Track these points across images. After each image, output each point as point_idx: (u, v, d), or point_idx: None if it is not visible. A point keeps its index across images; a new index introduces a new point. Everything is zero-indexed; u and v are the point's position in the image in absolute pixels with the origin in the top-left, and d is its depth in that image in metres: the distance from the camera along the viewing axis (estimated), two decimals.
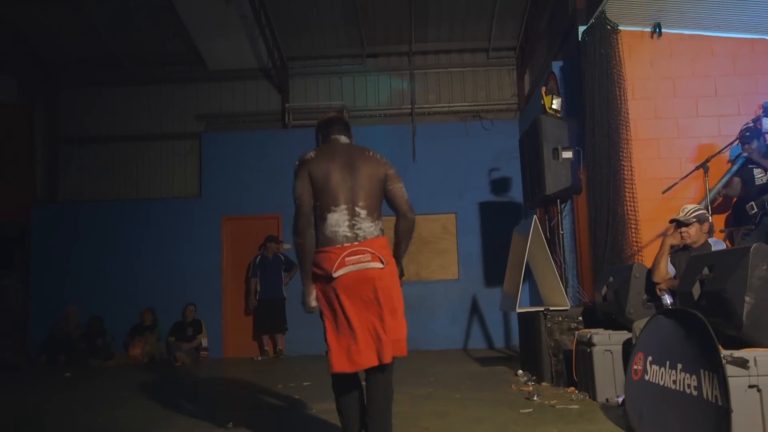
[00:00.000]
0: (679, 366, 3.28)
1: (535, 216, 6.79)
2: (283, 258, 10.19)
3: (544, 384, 5.71)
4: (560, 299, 6.26)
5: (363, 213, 3.24)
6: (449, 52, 11.46)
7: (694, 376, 3.15)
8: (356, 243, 3.15)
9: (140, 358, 9.87)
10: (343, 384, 3.31)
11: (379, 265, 3.14)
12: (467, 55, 11.47)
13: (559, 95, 7.19)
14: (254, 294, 10.10)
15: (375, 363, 3.13)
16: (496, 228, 10.18)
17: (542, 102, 7.09)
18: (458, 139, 10.93)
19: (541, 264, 6.65)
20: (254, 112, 11.44)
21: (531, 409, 4.62)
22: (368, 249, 3.15)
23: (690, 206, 4.74)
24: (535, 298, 7.93)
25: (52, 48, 10.97)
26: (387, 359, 3.12)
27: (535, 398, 4.99)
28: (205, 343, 10.12)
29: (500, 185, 10.68)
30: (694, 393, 3.13)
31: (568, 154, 6.54)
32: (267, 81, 11.40)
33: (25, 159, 11.10)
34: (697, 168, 6.07)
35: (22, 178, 11.05)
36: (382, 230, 3.31)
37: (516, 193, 10.21)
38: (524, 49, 11.05)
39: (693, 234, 4.60)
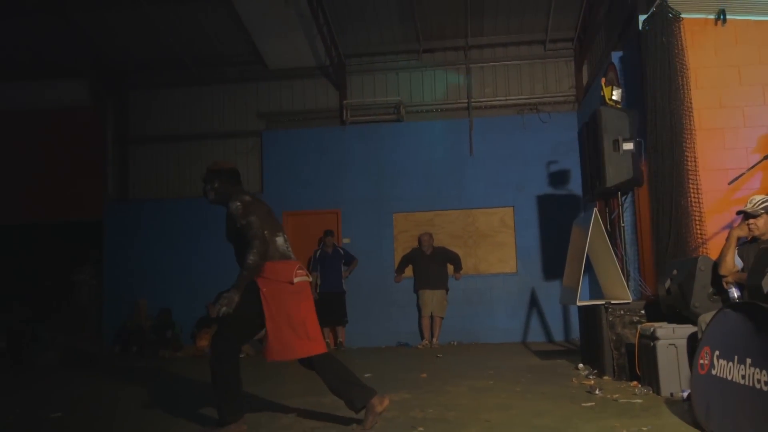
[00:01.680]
0: (749, 361, 3.20)
1: (595, 209, 6.68)
2: (342, 252, 10.25)
3: (605, 378, 5.62)
4: (622, 292, 6.17)
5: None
6: (506, 45, 11.36)
7: (764, 371, 3.06)
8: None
9: (207, 349, 10.11)
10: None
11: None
12: (524, 48, 11.35)
13: (619, 86, 7.07)
14: (315, 287, 10.22)
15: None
16: (555, 221, 10.07)
17: (602, 93, 6.97)
18: (515, 133, 10.83)
19: (602, 257, 6.56)
20: (313, 110, 11.56)
21: (593, 403, 4.56)
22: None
23: (758, 197, 4.61)
24: (596, 292, 7.80)
25: (120, 52, 11.33)
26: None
27: (597, 392, 4.93)
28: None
29: (559, 178, 10.53)
30: (765, 388, 3.05)
31: (629, 146, 6.43)
32: (325, 78, 11.49)
33: (97, 159, 11.51)
34: (764, 158, 5.89)
35: (94, 178, 11.43)
36: None
37: (575, 186, 10.07)
38: (582, 40, 10.88)
39: (762, 225, 4.47)
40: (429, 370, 6.94)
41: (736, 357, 3.31)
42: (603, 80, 7.08)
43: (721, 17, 6.68)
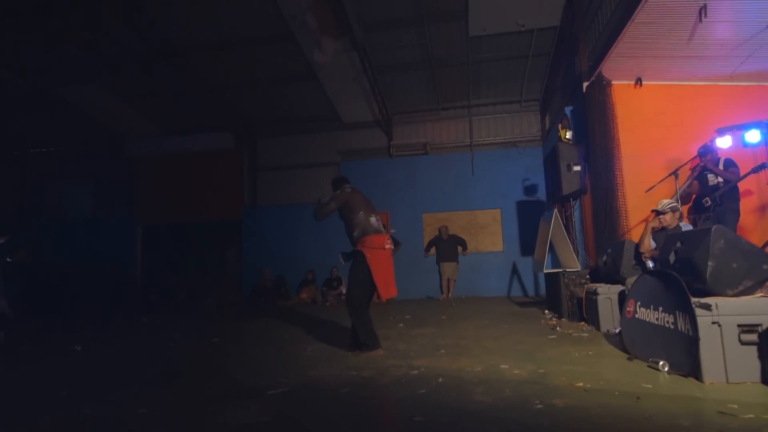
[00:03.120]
0: (661, 308, 3.09)
1: (555, 209, 6.54)
2: (392, 238, 10.25)
3: (563, 320, 5.51)
4: (574, 264, 6.04)
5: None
6: (494, 104, 11.16)
7: (671, 315, 2.95)
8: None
9: (306, 299, 10.26)
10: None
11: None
12: (506, 105, 11.13)
13: (570, 129, 6.90)
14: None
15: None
16: (528, 217, 9.91)
17: (559, 134, 6.82)
18: (501, 161, 10.65)
19: (560, 241, 6.42)
20: (371, 148, 11.57)
21: (555, 336, 4.47)
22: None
23: (666, 200, 4.45)
24: (556, 263, 7.64)
25: (252, 115, 11.57)
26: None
27: (557, 329, 4.83)
28: (343, 291, 10.37)
29: (530, 190, 10.34)
30: (672, 327, 2.94)
31: (577, 168, 6.29)
32: (378, 128, 11.51)
33: (238, 181, 11.80)
34: (669, 175, 5.67)
35: (236, 193, 11.75)
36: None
37: (541, 195, 9.89)
38: (545, 99, 10.62)
39: (668, 219, 4.31)
40: (447, 313, 6.90)
41: (651, 306, 3.20)
42: (560, 125, 6.92)
43: (639, 82, 6.45)
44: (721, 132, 5.68)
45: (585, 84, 6.76)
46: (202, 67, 9.69)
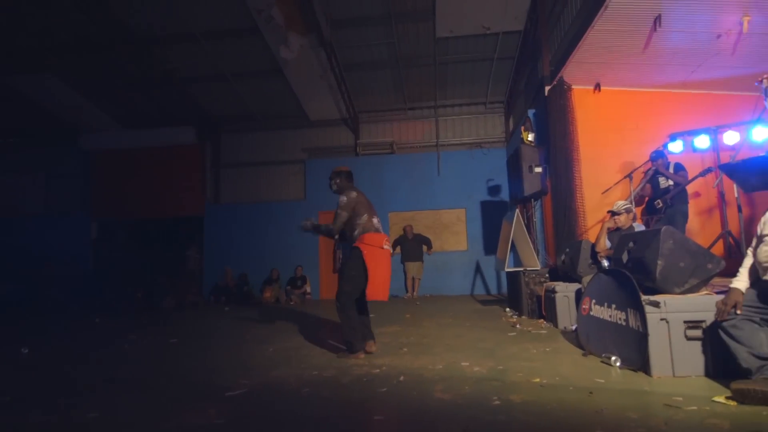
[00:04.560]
0: (614, 305, 3.20)
1: (517, 210, 6.68)
2: None
3: (523, 317, 5.64)
4: (534, 263, 6.17)
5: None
6: (460, 105, 11.28)
7: (623, 312, 3.07)
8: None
9: (269, 299, 10.10)
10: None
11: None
12: (472, 107, 11.27)
13: (533, 131, 7.06)
14: (338, 261, 10.19)
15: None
16: (492, 217, 10.08)
17: (521, 136, 6.96)
18: (466, 161, 10.79)
19: (522, 240, 6.56)
20: (337, 146, 11.49)
21: (515, 333, 4.57)
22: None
23: (621, 202, 4.61)
24: (517, 262, 7.81)
25: (216, 110, 11.29)
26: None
27: (517, 326, 4.93)
28: (309, 290, 10.29)
29: (494, 190, 10.52)
30: (624, 323, 3.05)
31: (539, 169, 6.44)
32: (345, 126, 11.44)
33: (200, 177, 11.49)
34: (624, 177, 5.90)
35: (198, 189, 11.44)
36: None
37: (504, 195, 10.10)
38: (509, 102, 10.84)
39: (623, 220, 4.47)
40: (411, 312, 6.94)
41: (605, 303, 3.31)
42: (522, 128, 7.07)
43: (597, 87, 6.67)
44: (672, 137, 5.95)
45: (547, 88, 6.95)
46: (163, 59, 9.39)
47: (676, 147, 5.90)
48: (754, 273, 2.41)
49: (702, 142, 5.80)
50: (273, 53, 8.91)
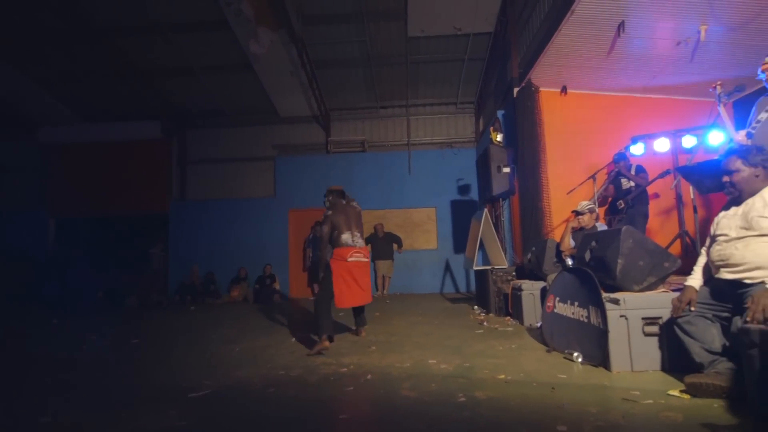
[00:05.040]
0: (576, 303, 3.28)
1: (486, 209, 6.76)
2: None
3: (490, 315, 5.71)
4: (501, 261, 6.26)
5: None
6: (431, 105, 11.35)
7: (585, 310, 3.14)
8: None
9: (237, 298, 9.93)
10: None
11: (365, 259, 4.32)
12: (443, 107, 11.36)
13: (501, 132, 7.15)
14: (308, 259, 10.13)
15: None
16: (461, 216, 10.18)
17: (491, 137, 7.05)
18: (437, 160, 10.87)
19: (490, 239, 6.65)
20: (308, 143, 11.37)
21: (482, 330, 4.63)
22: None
23: (584, 202, 4.73)
24: (486, 261, 7.93)
25: (183, 105, 11.01)
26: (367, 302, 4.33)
27: (485, 324, 5.00)
28: (278, 288, 10.16)
29: (463, 190, 10.64)
30: (585, 320, 3.13)
31: (507, 170, 6.52)
32: (316, 123, 11.34)
33: (166, 174, 11.17)
34: (588, 178, 6.05)
35: (163, 185, 11.12)
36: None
37: (474, 194, 10.20)
38: (479, 102, 10.97)
39: (586, 220, 4.59)
40: (381, 310, 6.94)
41: (569, 301, 3.39)
42: (491, 128, 7.16)
43: (564, 90, 6.82)
44: (634, 140, 6.14)
45: (516, 89, 7.06)
46: (127, 50, 9.09)
47: (637, 149, 6.09)
48: (708, 271, 2.51)
49: (662, 145, 6.01)
50: (242, 48, 8.75)
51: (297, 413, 2.32)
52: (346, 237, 4.22)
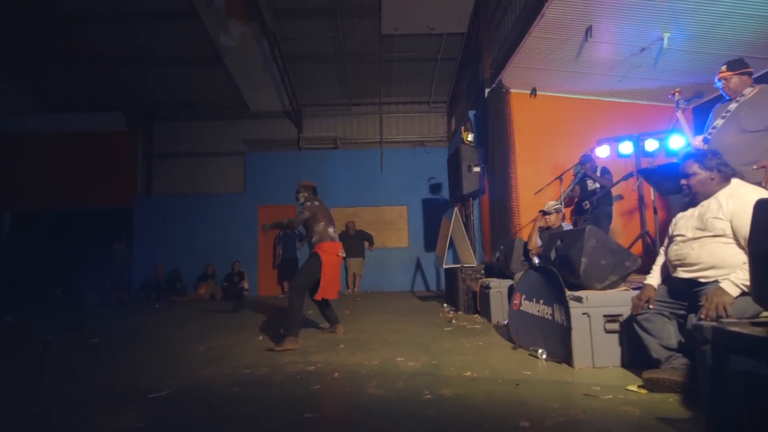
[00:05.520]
0: (541, 301, 3.34)
1: (456, 208, 6.82)
2: (297, 232, 10.05)
3: (459, 312, 5.78)
4: (471, 260, 6.34)
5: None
6: (404, 103, 11.38)
7: (550, 307, 3.21)
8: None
9: (204, 295, 9.73)
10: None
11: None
12: (416, 106, 11.41)
13: (472, 132, 7.23)
14: (278, 256, 10.01)
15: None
16: (433, 215, 10.24)
17: (462, 136, 7.12)
18: (409, 159, 10.91)
19: (460, 238, 6.72)
20: (279, 139, 11.23)
21: (451, 328, 4.68)
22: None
23: (551, 202, 4.83)
24: (456, 259, 8.00)
25: (149, 96, 10.70)
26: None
27: (453, 321, 5.05)
28: (246, 286, 10.00)
29: (435, 188, 10.72)
30: (550, 318, 3.19)
31: (477, 169, 6.60)
32: (288, 119, 11.21)
33: (131, 167, 10.83)
34: (555, 179, 6.17)
35: (128, 180, 10.78)
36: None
37: (445, 193, 10.26)
38: (451, 102, 11.07)
39: (553, 220, 4.68)
40: (351, 308, 6.92)
41: (534, 298, 3.45)
42: (463, 128, 7.23)
43: (534, 92, 6.94)
44: (600, 142, 6.30)
45: (487, 90, 7.15)
46: (90, 38, 8.76)
47: (603, 152, 6.25)
48: (665, 270, 2.60)
49: (626, 148, 6.17)
50: (212, 40, 8.56)
51: (260, 413, 2.28)
52: (331, 232, 4.34)
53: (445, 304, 6.51)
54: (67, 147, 10.64)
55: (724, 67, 3.27)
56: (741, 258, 2.13)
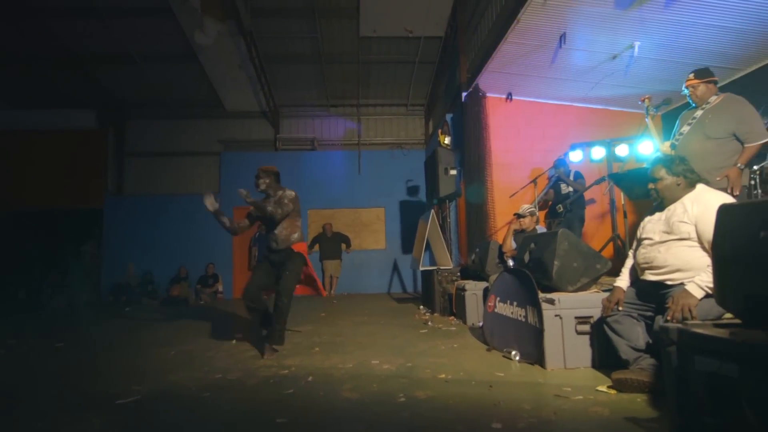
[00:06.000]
0: (515, 303, 3.38)
1: (432, 210, 6.86)
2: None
3: (435, 314, 5.79)
4: (447, 262, 6.37)
5: None
6: (382, 106, 11.40)
7: (523, 309, 3.24)
8: None
9: (177, 298, 9.51)
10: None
11: None
12: (394, 108, 11.44)
13: (449, 135, 7.28)
14: (253, 258, 9.87)
15: None
16: (410, 217, 10.28)
17: (439, 139, 7.16)
18: (387, 161, 10.91)
19: (436, 240, 6.75)
20: (256, 140, 11.10)
21: (427, 330, 4.68)
22: None
23: (526, 205, 4.89)
24: (432, 261, 8.03)
25: (121, 92, 10.44)
26: None
27: (429, 324, 5.06)
28: (221, 288, 9.84)
29: (412, 190, 10.75)
30: (523, 320, 3.23)
31: (454, 172, 6.64)
32: (265, 119, 11.09)
33: (101, 166, 10.51)
34: (530, 182, 6.27)
35: (98, 179, 10.46)
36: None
37: (422, 196, 10.31)
38: (429, 105, 11.14)
39: (527, 223, 4.74)
40: (327, 310, 6.88)
41: (508, 301, 3.48)
42: (440, 131, 7.27)
43: (509, 97, 7.03)
44: (573, 147, 6.43)
45: (464, 94, 7.21)
46: (59, 33, 8.48)
47: (576, 156, 6.37)
48: (634, 273, 2.66)
49: (598, 152, 6.32)
50: (187, 37, 8.40)
51: (231, 418, 2.24)
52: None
53: (422, 306, 6.52)
54: (34, 145, 10.26)
55: (691, 75, 3.37)
56: (705, 261, 2.19)
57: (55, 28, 8.36)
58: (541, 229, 4.80)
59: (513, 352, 3.16)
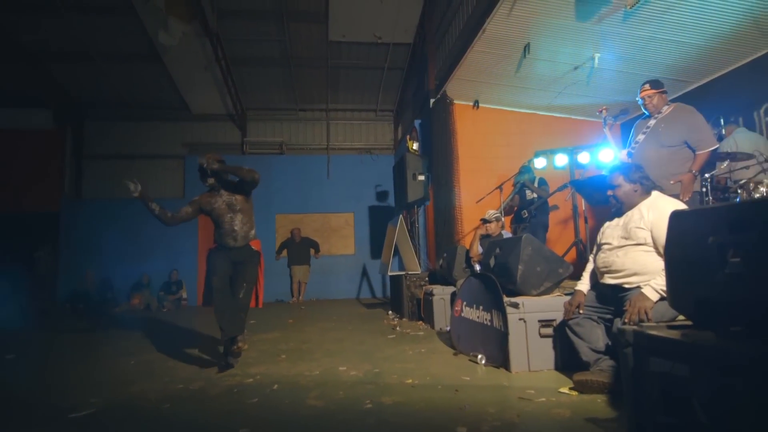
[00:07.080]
0: (481, 307, 3.42)
1: (401, 215, 6.89)
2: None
3: (404, 319, 5.80)
4: (415, 267, 6.41)
5: None
6: (352, 110, 11.39)
7: (489, 313, 3.29)
8: None
9: (138, 306, 9.19)
10: None
11: None
12: (363, 113, 11.45)
13: (418, 141, 7.35)
14: None
15: None
16: (379, 222, 10.29)
17: (407, 145, 7.21)
18: (356, 166, 10.90)
19: (405, 245, 6.78)
20: (222, 143, 10.85)
21: (395, 336, 4.68)
22: None
23: (492, 211, 4.97)
24: (401, 266, 8.05)
25: (80, 92, 10.05)
26: None
27: (397, 329, 5.06)
28: (185, 295, 9.57)
29: (381, 196, 10.77)
30: (489, 323, 3.27)
31: (422, 178, 6.71)
32: (232, 122, 10.89)
33: (57, 168, 10.07)
34: (495, 188, 6.37)
35: (54, 181, 10.02)
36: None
37: (390, 201, 10.35)
38: (398, 111, 11.20)
39: (493, 228, 4.82)
40: (295, 317, 6.79)
41: (474, 305, 3.52)
42: (408, 137, 7.33)
43: (476, 104, 7.15)
44: (537, 154, 6.59)
45: (432, 101, 7.29)
46: (13, 27, 8.11)
47: (540, 163, 6.53)
48: (594, 277, 2.74)
49: (561, 160, 6.49)
50: (151, 37, 8.19)
51: (192, 430, 2.17)
52: None
53: (390, 312, 6.52)
54: None
55: (647, 86, 3.52)
56: (661, 265, 2.27)
57: (11, 23, 8.00)
58: (507, 234, 4.89)
59: (479, 356, 3.20)
